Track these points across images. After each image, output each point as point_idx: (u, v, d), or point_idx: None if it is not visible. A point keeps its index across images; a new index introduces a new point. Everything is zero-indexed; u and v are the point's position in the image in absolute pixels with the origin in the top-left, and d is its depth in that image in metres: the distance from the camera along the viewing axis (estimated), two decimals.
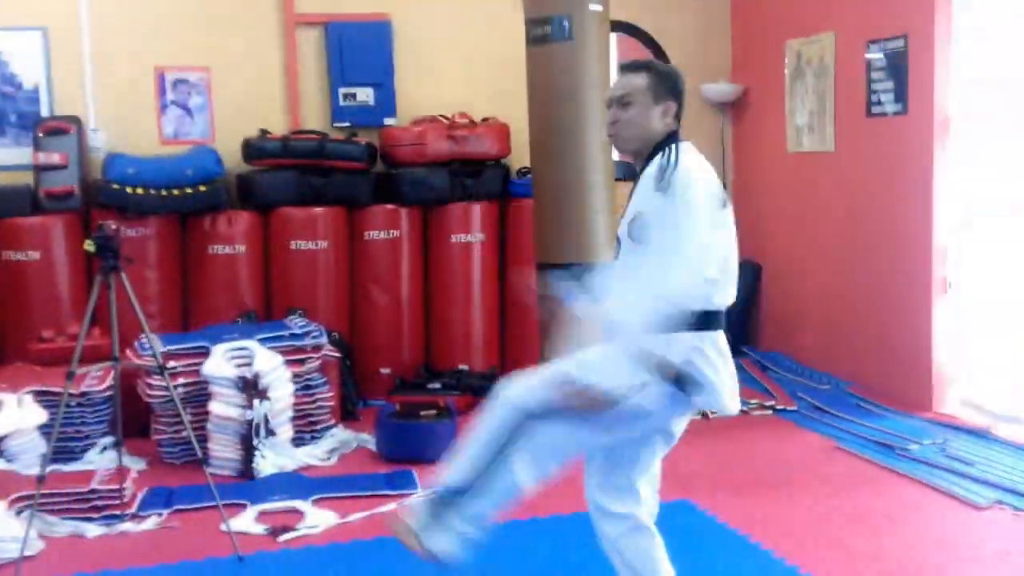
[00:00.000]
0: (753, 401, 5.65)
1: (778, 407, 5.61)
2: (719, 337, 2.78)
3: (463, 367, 6.05)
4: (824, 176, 6.16)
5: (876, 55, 5.61)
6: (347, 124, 6.23)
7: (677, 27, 6.83)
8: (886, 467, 4.60)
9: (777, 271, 6.73)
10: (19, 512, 3.91)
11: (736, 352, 6.59)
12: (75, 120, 5.79)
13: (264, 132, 6.02)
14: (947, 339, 5.38)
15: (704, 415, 5.51)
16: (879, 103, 5.63)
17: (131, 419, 4.55)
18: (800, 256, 6.46)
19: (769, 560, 3.65)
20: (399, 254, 6.07)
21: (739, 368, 6.23)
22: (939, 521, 4.04)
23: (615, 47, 6.28)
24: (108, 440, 4.75)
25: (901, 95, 5.44)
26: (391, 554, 3.79)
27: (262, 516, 4.16)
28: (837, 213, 6.06)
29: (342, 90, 6.26)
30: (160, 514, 4.17)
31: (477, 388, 5.49)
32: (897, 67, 5.46)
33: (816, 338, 6.28)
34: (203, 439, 4.65)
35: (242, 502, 4.26)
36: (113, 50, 5.96)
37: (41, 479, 3.72)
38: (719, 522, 4.02)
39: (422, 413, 5.02)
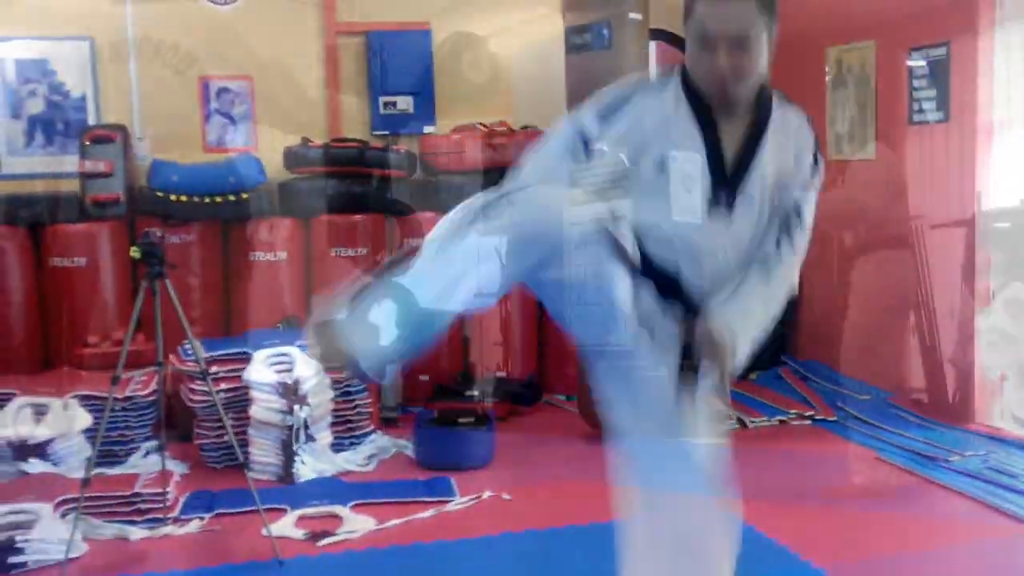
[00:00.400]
0: (792, 411, 5.61)
1: (817, 417, 5.57)
2: None
3: (501, 374, 6.07)
4: (865, 183, 6.11)
5: (918, 62, 5.56)
6: (387, 132, 6.28)
7: None
8: (928, 479, 4.55)
9: (816, 279, 6.68)
10: (64, 515, 3.97)
11: (774, 361, 6.60)
12: (121, 128, 5.86)
13: (305, 140, 6.07)
14: (990, 350, 5.31)
15: (743, 424, 5.50)
16: (921, 111, 5.58)
17: (174, 423, 4.61)
18: (839, 264, 6.41)
19: (808, 571, 3.63)
20: None
21: (778, 377, 6.30)
22: (982, 534, 3.99)
23: (654, 55, 6.28)
24: (151, 444, 4.80)
25: (943, 103, 5.40)
26: (429, 560, 3.83)
27: (302, 521, 4.20)
28: (878, 220, 6.01)
29: (382, 98, 6.30)
30: (202, 517, 4.22)
31: (515, 395, 5.50)
32: (939, 74, 5.41)
33: (856, 348, 6.22)
34: (244, 444, 4.69)
35: (282, 507, 4.30)
36: (158, 59, 6.05)
37: (86, 482, 3.78)
38: (756, 532, 3.99)
39: (460, 420, 5.04)
